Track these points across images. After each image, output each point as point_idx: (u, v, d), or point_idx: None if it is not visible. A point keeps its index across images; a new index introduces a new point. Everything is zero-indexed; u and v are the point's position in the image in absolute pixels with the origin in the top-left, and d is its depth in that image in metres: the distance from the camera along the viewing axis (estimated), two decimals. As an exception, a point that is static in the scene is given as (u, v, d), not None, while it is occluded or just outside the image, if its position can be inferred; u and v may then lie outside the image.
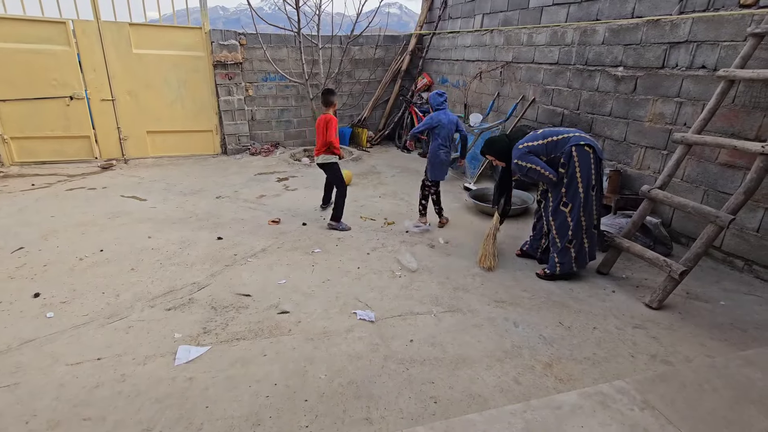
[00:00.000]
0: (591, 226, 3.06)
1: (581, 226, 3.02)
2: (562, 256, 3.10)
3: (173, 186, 5.45)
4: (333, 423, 1.95)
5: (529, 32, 5.16)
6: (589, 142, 2.92)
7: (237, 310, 2.81)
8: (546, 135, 3.01)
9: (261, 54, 6.83)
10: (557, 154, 2.95)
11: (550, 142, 2.97)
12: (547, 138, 2.99)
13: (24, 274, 3.23)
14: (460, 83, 6.76)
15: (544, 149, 2.98)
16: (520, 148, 3.01)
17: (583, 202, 2.96)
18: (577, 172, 2.91)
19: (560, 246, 3.09)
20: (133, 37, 6.26)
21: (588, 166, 2.90)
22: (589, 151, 2.90)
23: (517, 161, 3.01)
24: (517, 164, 3.01)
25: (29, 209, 4.58)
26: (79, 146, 6.47)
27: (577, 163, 2.89)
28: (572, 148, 2.89)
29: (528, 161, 2.97)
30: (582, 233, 3.04)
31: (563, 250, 3.09)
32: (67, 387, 2.11)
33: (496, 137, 3.25)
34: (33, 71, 5.92)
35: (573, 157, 2.89)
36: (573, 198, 2.97)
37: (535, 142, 3.00)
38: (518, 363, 2.35)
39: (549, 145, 2.97)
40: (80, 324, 2.63)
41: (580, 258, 3.11)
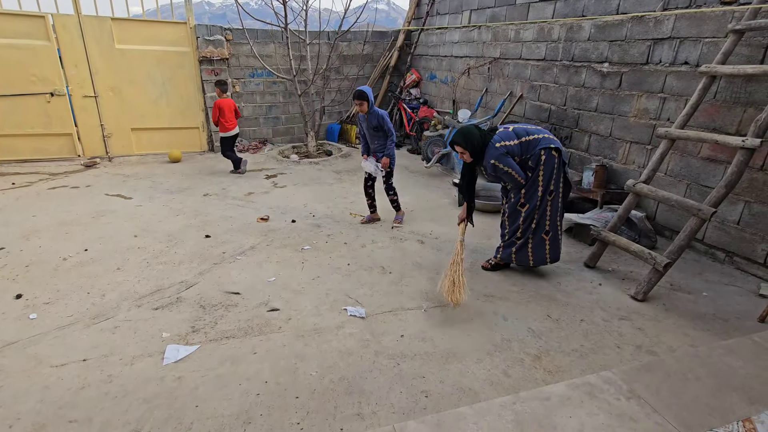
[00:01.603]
0: (542, 231, 3.02)
1: (530, 227, 3.00)
2: (506, 247, 3.16)
3: (159, 184, 5.36)
4: (324, 419, 1.95)
5: (516, 28, 5.19)
6: (558, 146, 2.88)
7: (226, 308, 2.79)
8: (519, 134, 2.89)
9: (248, 50, 6.74)
10: (527, 156, 2.88)
11: (524, 142, 2.87)
12: (521, 138, 2.88)
13: (5, 274, 3.14)
14: (448, 79, 6.77)
15: (519, 150, 2.87)
16: (498, 147, 2.83)
17: (538, 205, 2.94)
18: (539, 176, 2.87)
19: (507, 238, 3.14)
20: (115, 31, 6.12)
21: (551, 170, 2.87)
22: (555, 156, 2.86)
23: (494, 162, 2.83)
24: (494, 165, 2.85)
25: (9, 208, 4.46)
26: (61, 144, 6.31)
27: (542, 167, 2.85)
28: (541, 152, 2.84)
29: (506, 164, 2.82)
30: (529, 234, 3.02)
31: (509, 243, 3.13)
32: (52, 389, 2.07)
33: (469, 128, 2.94)
34: (11, 67, 5.75)
35: (541, 160, 2.84)
36: (530, 199, 2.95)
37: (510, 141, 2.86)
38: (508, 356, 2.38)
39: (523, 145, 2.87)
40: (65, 325, 2.58)
41: (519, 256, 3.10)
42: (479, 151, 2.91)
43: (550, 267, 3.35)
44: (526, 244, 3.07)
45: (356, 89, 3.77)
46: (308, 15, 6.41)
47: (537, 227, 3.01)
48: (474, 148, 2.90)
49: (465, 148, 2.91)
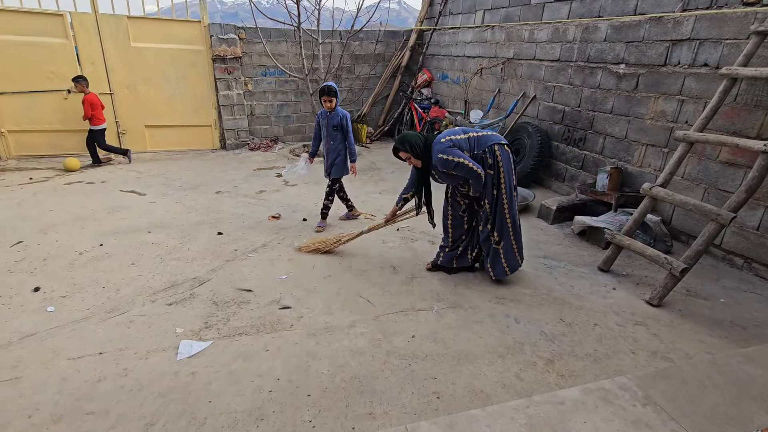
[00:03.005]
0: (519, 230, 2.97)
1: (507, 227, 2.91)
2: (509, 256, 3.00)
3: (172, 181, 5.42)
4: (336, 418, 1.95)
5: (530, 29, 5.14)
6: (508, 144, 2.83)
7: (238, 305, 2.81)
8: (466, 130, 2.81)
9: (260, 48, 6.79)
10: (479, 152, 2.75)
11: (472, 137, 2.77)
12: (468, 133, 2.79)
13: (23, 268, 3.20)
14: (460, 79, 6.74)
15: (467, 144, 2.74)
16: (443, 142, 2.70)
17: (508, 203, 2.84)
18: (501, 172, 2.77)
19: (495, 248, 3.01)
20: (131, 30, 6.20)
21: (509, 165, 2.79)
22: (508, 151, 2.80)
23: (441, 155, 2.66)
24: (442, 159, 2.66)
25: (27, 203, 4.54)
26: (76, 140, 6.41)
27: (500, 162, 2.76)
28: (494, 147, 2.74)
29: (454, 155, 2.65)
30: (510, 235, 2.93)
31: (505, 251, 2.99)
32: (69, 381, 2.11)
33: (409, 132, 2.87)
34: (29, 64, 5.86)
35: (496, 155, 2.75)
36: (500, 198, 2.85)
37: (456, 136, 2.75)
38: (520, 359, 2.36)
39: (471, 140, 2.76)
40: (81, 318, 2.62)
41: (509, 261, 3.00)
42: (425, 152, 2.77)
43: (562, 270, 3.32)
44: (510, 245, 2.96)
45: (325, 84, 3.61)
46: (321, 14, 6.44)
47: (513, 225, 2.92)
48: (416, 150, 2.76)
49: (407, 151, 2.79)
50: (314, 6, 6.36)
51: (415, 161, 2.85)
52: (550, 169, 5.07)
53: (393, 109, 7.85)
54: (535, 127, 4.97)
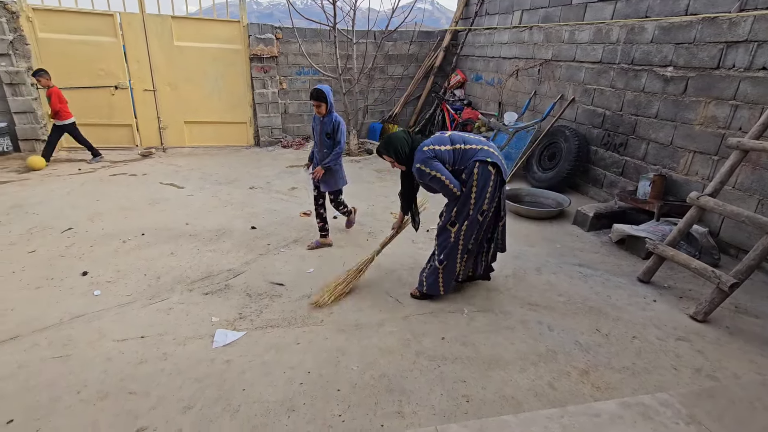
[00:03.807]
0: (464, 250, 2.73)
1: (457, 249, 2.70)
2: (429, 276, 2.81)
3: (209, 175, 5.60)
4: (365, 414, 1.97)
5: (571, 29, 5.00)
6: (496, 161, 2.54)
7: (271, 298, 2.87)
8: (454, 140, 2.58)
9: (296, 48, 6.92)
10: (461, 167, 2.55)
11: (458, 150, 2.55)
12: (455, 144, 2.56)
13: (73, 253, 3.40)
14: (494, 81, 6.64)
15: (450, 156, 2.54)
16: (425, 151, 2.52)
17: (467, 226, 2.62)
18: (472, 192, 2.54)
19: (431, 265, 2.81)
20: (174, 29, 6.47)
21: (485, 187, 2.53)
22: (492, 171, 2.53)
23: (419, 166, 2.51)
24: (419, 170, 2.51)
25: (76, 192, 4.81)
26: (121, 134, 6.76)
27: (475, 181, 2.52)
28: (476, 164, 2.51)
29: (432, 168, 2.48)
30: (456, 258, 2.73)
31: (432, 272, 2.79)
32: (114, 361, 2.22)
33: (395, 134, 2.68)
34: (81, 61, 6.21)
35: (473, 174, 2.51)
36: (461, 219, 2.63)
37: (441, 146, 2.54)
38: (553, 368, 2.30)
39: (456, 153, 2.55)
40: (125, 303, 2.75)
41: (446, 283, 2.81)
42: (408, 157, 2.62)
43: (599, 279, 3.21)
44: (453, 268, 2.76)
45: (315, 87, 3.28)
46: (356, 15, 6.49)
47: (463, 249, 2.71)
48: (399, 154, 2.62)
49: (389, 155, 2.65)
50: (350, 7, 6.43)
51: (399, 165, 2.69)
52: (587, 174, 4.91)
53: (424, 110, 7.82)
54: (572, 130, 4.82)
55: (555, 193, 4.60)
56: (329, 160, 3.42)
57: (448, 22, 7.84)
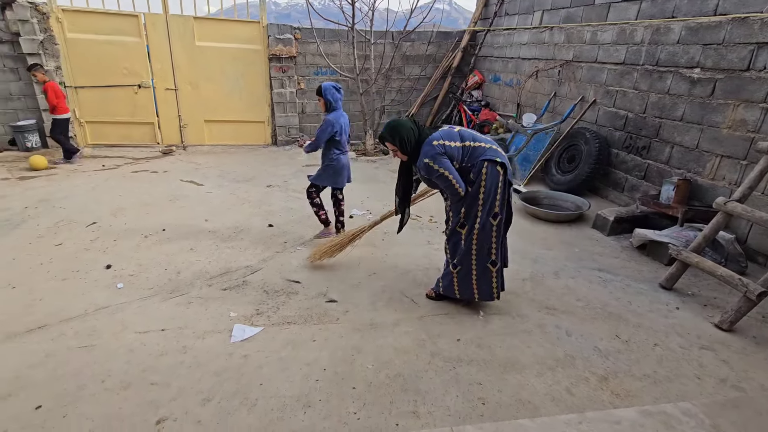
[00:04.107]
0: (486, 260, 2.57)
1: (471, 253, 2.57)
2: (445, 278, 2.73)
3: (227, 173, 5.69)
4: (380, 413, 1.97)
5: (593, 30, 4.92)
6: (504, 161, 2.45)
7: (287, 295, 2.90)
8: (464, 137, 2.46)
9: (314, 48, 6.97)
10: (468, 165, 2.44)
11: (467, 147, 2.44)
12: (465, 141, 2.45)
13: (97, 246, 3.50)
14: (513, 82, 6.57)
15: (459, 154, 2.42)
16: (435, 146, 2.38)
17: (479, 229, 2.50)
18: (480, 193, 2.44)
19: (444, 270, 2.74)
20: (196, 30, 6.59)
21: (494, 188, 2.44)
22: (500, 172, 2.44)
23: (428, 161, 2.37)
24: (427, 165, 2.38)
25: (100, 188, 4.95)
26: (143, 132, 6.93)
27: (483, 181, 2.42)
28: (484, 163, 2.41)
29: (441, 165, 2.36)
30: (471, 262, 2.59)
31: (446, 274, 2.71)
32: (136, 353, 2.27)
33: (401, 121, 2.51)
34: (106, 60, 6.39)
35: (482, 174, 2.41)
36: (469, 219, 2.52)
37: (452, 142, 2.41)
38: (571, 373, 2.27)
39: (465, 150, 2.43)
40: (146, 296, 2.82)
41: (462, 288, 2.68)
42: (414, 148, 2.47)
43: (619, 284, 3.14)
44: (469, 273, 2.63)
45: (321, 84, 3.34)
46: (374, 15, 6.51)
47: (479, 254, 2.57)
48: (404, 144, 2.45)
49: (393, 143, 2.48)
50: (368, 7, 6.45)
51: (401, 155, 2.54)
52: (607, 177, 4.82)
53: (441, 111, 7.79)
54: (593, 133, 4.74)
55: (574, 196, 4.53)
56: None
57: (465, 22, 7.79)
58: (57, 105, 5.59)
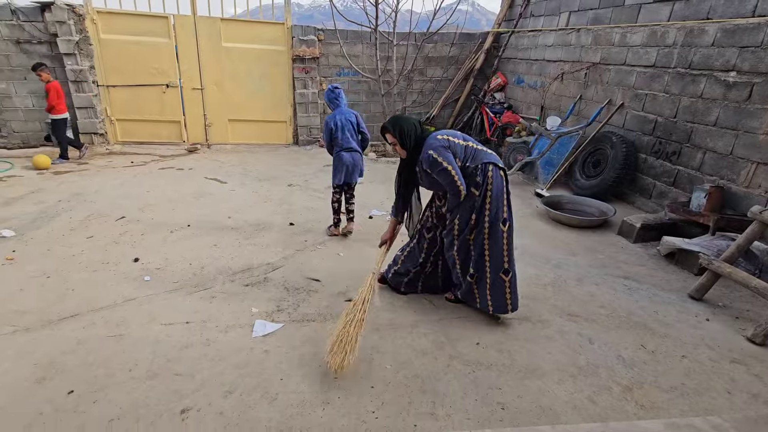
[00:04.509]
0: (499, 269, 2.51)
1: (485, 262, 2.51)
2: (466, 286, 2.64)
3: (249, 172, 5.80)
4: (398, 413, 1.97)
5: (622, 31, 4.80)
6: (504, 167, 2.46)
7: (307, 292, 2.93)
8: (466, 138, 2.46)
9: (337, 49, 7.04)
10: (471, 165, 2.39)
11: (470, 147, 2.42)
12: (467, 141, 2.44)
13: (126, 240, 3.62)
14: (537, 84, 6.47)
15: (463, 152, 2.39)
16: (440, 139, 2.36)
17: (488, 234, 2.45)
18: (487, 198, 2.39)
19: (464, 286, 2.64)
20: (223, 31, 6.74)
21: (500, 193, 2.41)
22: (503, 177, 2.42)
23: (432, 153, 2.31)
24: (431, 158, 2.32)
25: (129, 183, 5.12)
26: (170, 130, 7.13)
27: (490, 185, 2.37)
28: (489, 167, 2.37)
29: (445, 158, 2.30)
30: (486, 270, 2.53)
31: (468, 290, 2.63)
32: (162, 344, 2.34)
33: (403, 116, 2.53)
34: (137, 60, 6.60)
35: (488, 177, 2.36)
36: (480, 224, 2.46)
37: (454, 138, 2.40)
38: (593, 382, 2.22)
39: (468, 150, 2.40)
40: (172, 290, 2.90)
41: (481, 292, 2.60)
42: (414, 144, 2.42)
43: (645, 293, 3.06)
44: (482, 281, 2.56)
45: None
46: (398, 16, 6.53)
47: (492, 262, 2.51)
48: (404, 137, 2.41)
49: (393, 134, 2.43)
50: (391, 9, 6.47)
51: (400, 150, 2.49)
52: (634, 183, 4.69)
53: (463, 113, 7.74)
54: (620, 137, 4.62)
55: (599, 201, 4.42)
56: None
57: (488, 23, 7.73)
58: (56, 105, 5.65)
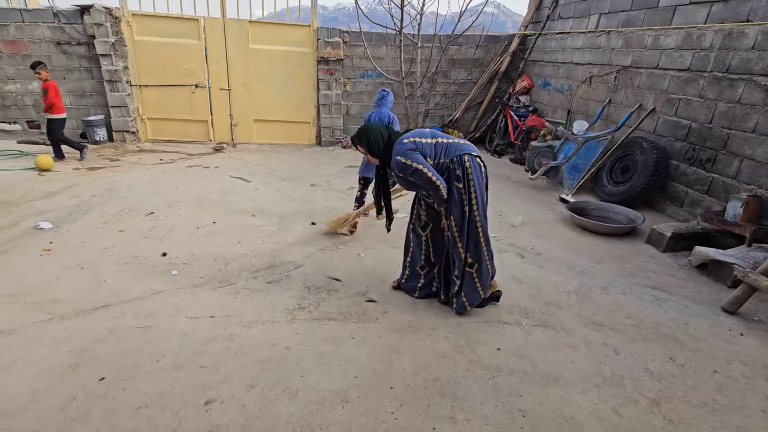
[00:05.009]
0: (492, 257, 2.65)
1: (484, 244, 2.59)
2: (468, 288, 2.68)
3: (273, 171, 5.90)
4: (417, 415, 1.97)
5: (655, 34, 4.66)
6: (480, 155, 2.52)
7: (328, 292, 2.96)
8: (435, 134, 2.50)
9: (361, 51, 7.09)
10: (445, 161, 2.44)
11: (439, 143, 2.45)
12: (436, 138, 2.47)
13: (155, 235, 3.74)
14: (564, 87, 6.35)
15: (432, 150, 2.43)
16: (405, 143, 2.41)
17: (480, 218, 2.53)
18: (471, 186, 2.43)
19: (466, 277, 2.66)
20: (250, 33, 6.89)
21: (482, 179, 2.50)
22: (481, 164, 2.50)
23: (400, 158, 2.37)
24: (401, 163, 2.37)
25: (158, 180, 5.29)
26: (198, 129, 7.33)
27: (470, 174, 2.42)
28: (464, 156, 2.43)
29: (414, 160, 2.36)
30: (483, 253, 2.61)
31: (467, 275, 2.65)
32: (188, 336, 2.41)
33: (370, 125, 2.59)
34: (168, 61, 6.82)
35: (466, 166, 2.41)
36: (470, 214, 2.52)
37: (422, 138, 2.44)
38: (618, 393, 2.15)
39: (438, 147, 2.44)
40: (197, 284, 2.98)
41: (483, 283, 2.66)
42: (384, 150, 2.51)
43: (675, 304, 2.95)
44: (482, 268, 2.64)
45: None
46: (422, 18, 6.52)
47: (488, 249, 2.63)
48: (371, 146, 2.51)
49: (361, 144, 2.55)
50: (417, 11, 6.47)
51: (372, 159, 2.59)
52: (665, 190, 4.54)
53: (486, 116, 7.66)
54: (650, 143, 4.48)
55: (627, 208, 4.30)
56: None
57: (513, 25, 7.66)
58: (56, 104, 5.57)
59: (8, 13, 6.51)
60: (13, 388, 2.01)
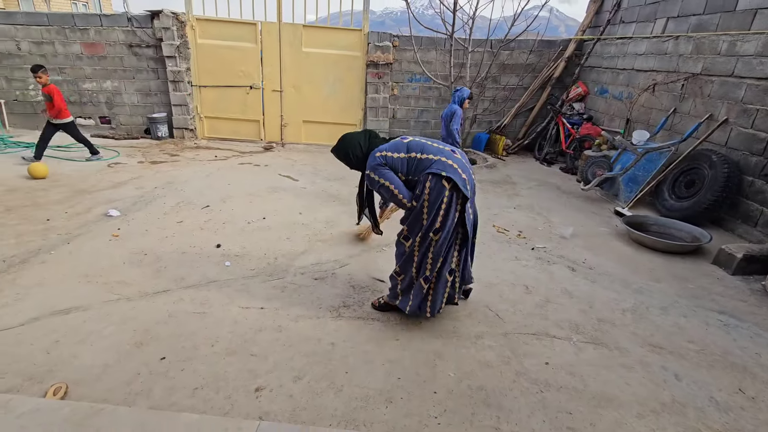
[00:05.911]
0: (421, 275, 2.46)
1: (412, 261, 2.46)
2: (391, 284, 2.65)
3: (320, 171, 6.05)
4: (462, 422, 1.93)
5: (731, 39, 4.33)
6: (451, 175, 2.24)
7: (372, 292, 2.99)
8: (411, 148, 2.36)
9: (410, 55, 7.12)
10: (414, 178, 2.34)
11: (412, 158, 2.33)
12: (411, 152, 2.34)
13: (210, 227, 3.94)
14: (623, 95, 6.04)
15: (404, 165, 2.33)
16: (376, 157, 2.35)
17: (419, 242, 2.39)
18: (424, 207, 2.31)
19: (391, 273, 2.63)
20: (304, 37, 7.12)
21: (437, 202, 2.27)
22: (446, 186, 2.25)
23: (369, 173, 2.35)
24: (369, 176, 2.36)
25: (213, 176, 5.58)
26: (250, 129, 7.66)
27: (426, 195, 2.28)
28: (428, 177, 2.27)
29: (381, 176, 2.31)
30: (411, 270, 2.48)
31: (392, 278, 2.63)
32: (239, 325, 2.52)
33: (350, 136, 2.52)
34: (226, 63, 7.19)
35: (425, 187, 2.28)
36: (412, 232, 2.41)
37: (395, 153, 2.34)
38: (679, 421, 2.01)
39: (411, 162, 2.33)
40: (248, 276, 3.10)
41: (402, 298, 2.59)
42: (361, 161, 2.45)
43: (745, 331, 2.72)
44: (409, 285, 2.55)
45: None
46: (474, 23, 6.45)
47: (418, 270, 2.48)
48: (349, 159, 2.47)
49: (338, 157, 2.54)
50: (469, 15, 6.42)
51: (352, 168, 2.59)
52: (736, 208, 4.19)
53: (537, 122, 7.44)
54: (721, 156, 4.16)
55: (691, 225, 4.01)
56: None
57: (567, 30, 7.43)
58: (63, 109, 5.49)
59: (89, 18, 7.14)
60: (88, 360, 2.19)
